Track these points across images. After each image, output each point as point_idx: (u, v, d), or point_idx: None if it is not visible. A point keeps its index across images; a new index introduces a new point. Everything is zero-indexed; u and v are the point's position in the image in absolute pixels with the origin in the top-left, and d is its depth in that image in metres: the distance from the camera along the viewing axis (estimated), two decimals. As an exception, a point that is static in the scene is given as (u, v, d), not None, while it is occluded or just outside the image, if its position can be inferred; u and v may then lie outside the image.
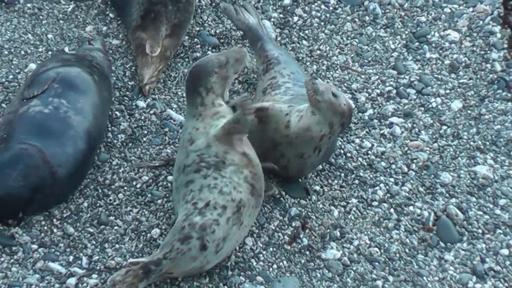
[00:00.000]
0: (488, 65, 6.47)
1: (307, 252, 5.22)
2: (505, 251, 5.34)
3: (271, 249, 5.21)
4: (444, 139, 5.96)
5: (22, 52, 6.23)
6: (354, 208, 5.49)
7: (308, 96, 5.26)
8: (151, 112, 5.93)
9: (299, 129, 5.30)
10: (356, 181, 5.64)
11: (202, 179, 4.92)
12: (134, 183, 5.48)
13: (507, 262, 5.29)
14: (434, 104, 6.18)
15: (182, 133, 5.25)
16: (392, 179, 5.67)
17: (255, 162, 5.06)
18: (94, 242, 5.15)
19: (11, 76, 6.01)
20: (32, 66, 6.04)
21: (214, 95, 5.18)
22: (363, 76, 6.33)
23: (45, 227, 5.18)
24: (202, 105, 5.14)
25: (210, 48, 6.41)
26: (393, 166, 5.75)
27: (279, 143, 5.37)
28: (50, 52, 6.22)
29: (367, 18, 6.79)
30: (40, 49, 6.26)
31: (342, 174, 5.67)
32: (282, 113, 5.37)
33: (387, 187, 5.62)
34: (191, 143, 5.06)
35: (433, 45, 6.61)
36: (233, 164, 4.95)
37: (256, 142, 5.40)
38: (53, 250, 5.08)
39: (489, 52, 6.56)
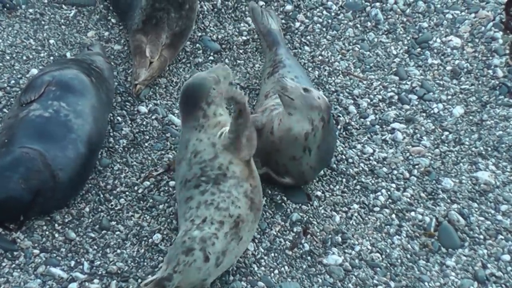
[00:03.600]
0: (490, 71, 6.47)
1: (309, 258, 5.22)
2: (506, 257, 5.34)
3: (272, 254, 5.20)
4: (446, 145, 5.96)
5: (24, 57, 6.23)
6: (356, 214, 5.48)
7: (280, 97, 5.29)
8: (153, 117, 5.93)
9: (280, 131, 5.31)
10: (358, 187, 5.64)
11: (200, 196, 4.92)
12: (136, 188, 5.48)
13: (509, 268, 5.29)
14: (435, 110, 6.18)
15: (182, 145, 5.15)
16: (393, 185, 5.67)
17: (256, 174, 5.07)
18: (96, 247, 5.15)
19: (13, 81, 6.01)
20: (34, 71, 6.04)
21: (215, 105, 5.14)
22: (365, 82, 6.34)
23: (47, 232, 5.18)
24: (204, 117, 5.10)
25: (212, 54, 6.42)
26: (395, 172, 5.75)
27: (270, 151, 5.39)
28: (52, 58, 6.23)
29: (369, 24, 6.79)
30: (42, 55, 6.26)
31: (344, 180, 5.67)
32: (272, 120, 5.39)
33: (389, 192, 5.62)
34: (195, 154, 5.04)
35: (435, 51, 6.61)
36: (234, 177, 4.94)
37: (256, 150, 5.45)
38: (54, 255, 5.08)
39: (491, 58, 6.56)
